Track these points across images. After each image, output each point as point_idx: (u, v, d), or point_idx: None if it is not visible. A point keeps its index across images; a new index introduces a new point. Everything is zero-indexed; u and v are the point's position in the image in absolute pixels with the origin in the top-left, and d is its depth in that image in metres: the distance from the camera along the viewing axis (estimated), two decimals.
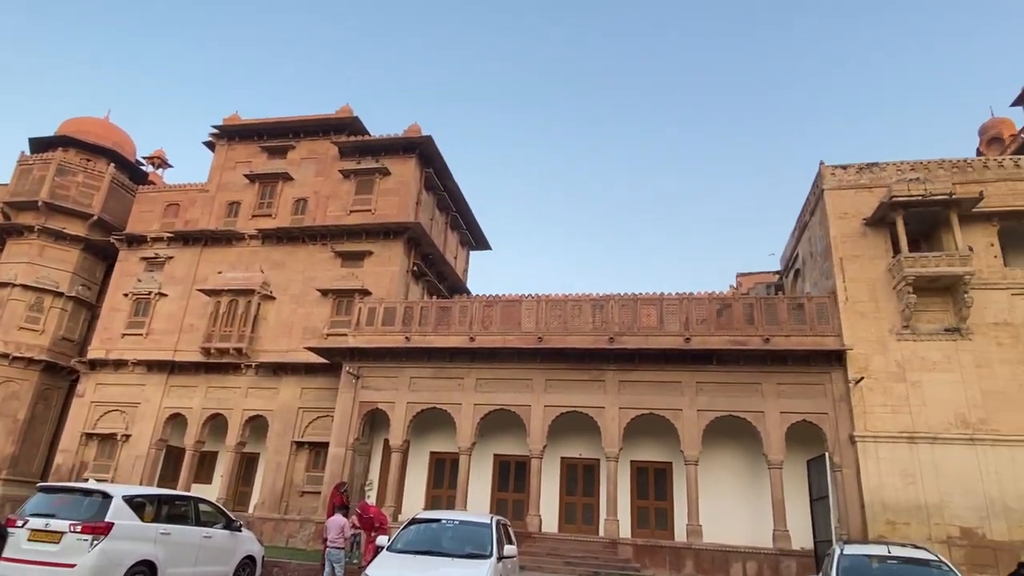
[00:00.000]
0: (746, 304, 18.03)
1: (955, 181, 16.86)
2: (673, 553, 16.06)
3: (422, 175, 24.58)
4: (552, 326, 18.59)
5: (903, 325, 16.33)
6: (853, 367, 16.23)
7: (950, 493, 14.77)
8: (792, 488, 16.26)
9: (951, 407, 15.43)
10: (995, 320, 15.90)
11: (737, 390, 16.95)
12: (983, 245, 16.48)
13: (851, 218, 17.73)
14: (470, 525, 9.06)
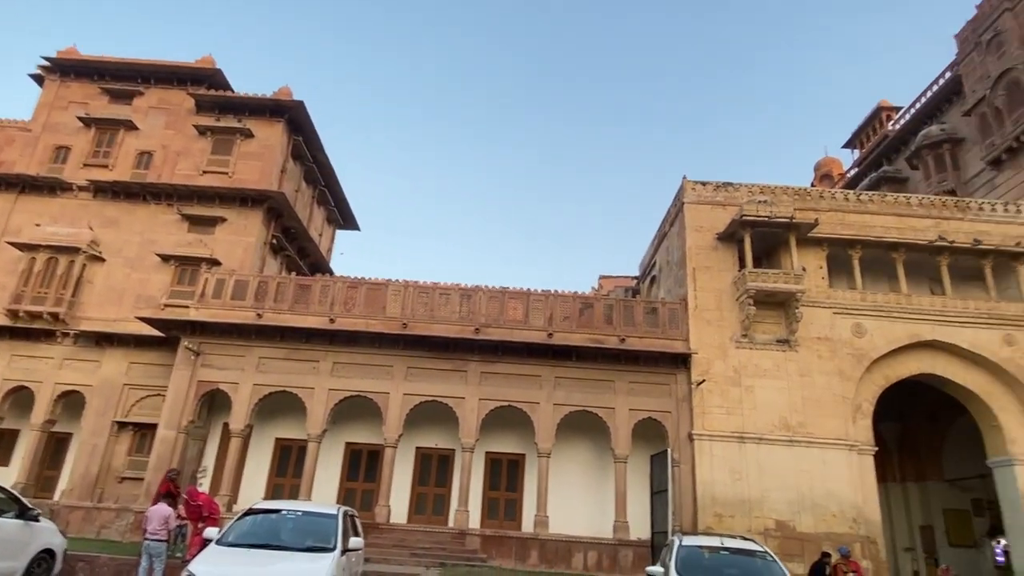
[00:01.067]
0: (606, 305, 18.70)
1: (796, 207, 18.56)
2: (520, 543, 16.27)
3: (290, 142, 22.98)
4: (418, 313, 18.13)
5: (742, 334, 17.74)
6: (697, 370, 17.39)
7: (770, 489, 16.28)
8: (634, 481, 17.12)
9: (776, 411, 17.00)
10: (818, 335, 17.73)
11: (592, 386, 17.53)
12: (814, 267, 18.31)
13: (706, 232, 18.97)
14: (314, 516, 8.46)
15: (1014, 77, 22.64)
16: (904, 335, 17.79)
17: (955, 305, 17.89)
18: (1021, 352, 17.50)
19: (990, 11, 24.12)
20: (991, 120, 23.65)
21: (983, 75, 24.16)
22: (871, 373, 17.72)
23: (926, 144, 27.18)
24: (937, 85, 27.98)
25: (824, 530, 15.88)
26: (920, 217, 18.92)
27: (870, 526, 16.26)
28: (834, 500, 16.23)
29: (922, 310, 17.87)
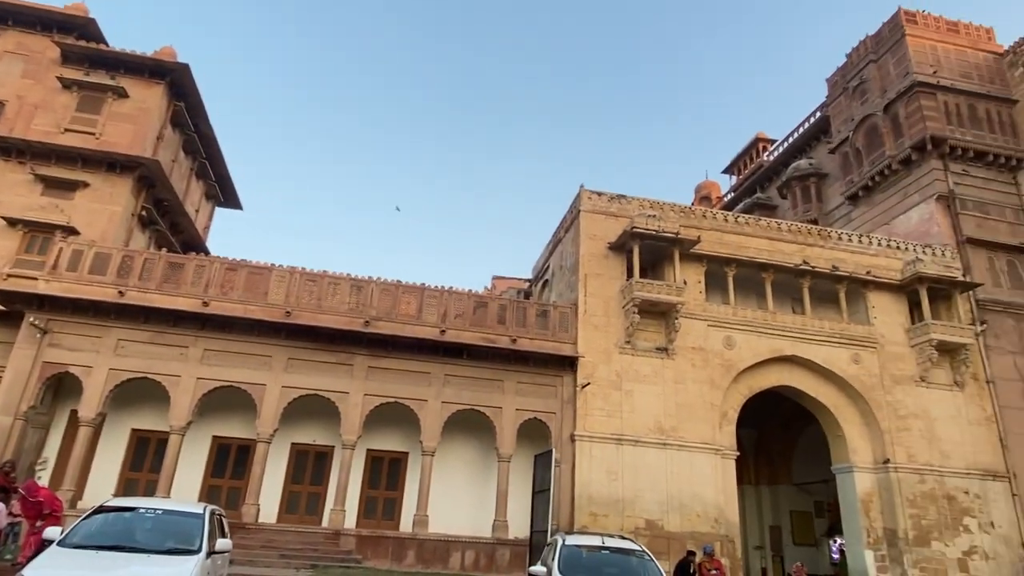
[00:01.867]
0: (500, 305, 18.77)
1: (681, 224, 19.59)
2: (397, 543, 15.92)
3: (170, 108, 21.13)
4: (303, 301, 17.26)
5: (626, 340, 18.44)
6: (582, 373, 17.86)
7: (642, 490, 17.02)
8: (517, 481, 17.28)
9: (653, 415, 17.81)
10: (693, 345, 18.79)
11: (481, 385, 17.51)
12: (693, 281, 19.38)
13: (599, 240, 19.57)
14: (177, 515, 7.73)
15: (873, 123, 25.29)
16: (768, 349, 19.27)
17: (813, 324, 19.63)
18: (865, 370, 19.52)
19: (858, 60, 26.81)
20: (852, 159, 26.28)
21: (848, 118, 26.80)
22: (737, 383, 19.02)
23: (795, 176, 29.75)
24: (808, 123, 30.71)
25: (689, 529, 16.83)
26: (788, 242, 20.60)
27: (729, 526, 17.43)
28: (699, 501, 17.24)
29: (784, 327, 19.45)
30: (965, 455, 19.23)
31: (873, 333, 19.99)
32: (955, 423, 19.55)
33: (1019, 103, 24.10)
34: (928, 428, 19.27)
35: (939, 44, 24.84)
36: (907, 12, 25.14)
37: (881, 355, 19.78)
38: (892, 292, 20.57)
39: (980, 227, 22.43)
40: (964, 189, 22.88)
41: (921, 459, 18.86)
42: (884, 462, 18.74)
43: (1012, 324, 21.40)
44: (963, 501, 18.71)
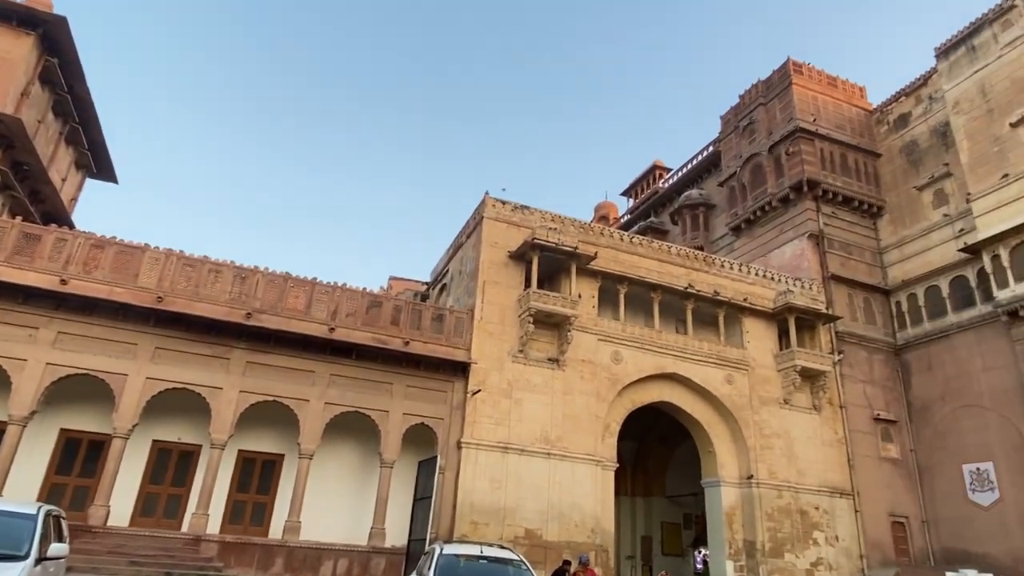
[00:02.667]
0: (395, 306, 18.30)
1: (580, 239, 20.05)
2: (264, 551, 15.00)
3: (40, 62, 18.98)
4: (179, 287, 15.96)
5: (519, 349, 18.55)
6: (474, 379, 17.75)
7: (525, 499, 17.11)
8: (399, 487, 16.85)
9: (539, 424, 18.00)
10: (583, 358, 19.22)
11: (368, 387, 16.94)
12: (587, 295, 19.87)
13: (500, 248, 19.62)
14: (4, 516, 6.79)
15: (759, 161, 27.21)
16: (652, 366, 20.08)
17: (694, 345, 20.69)
18: (737, 391, 20.80)
19: (749, 102, 28.77)
20: (738, 193, 28.11)
21: (737, 155, 28.67)
22: (622, 397, 19.66)
23: (686, 204, 31.41)
24: (702, 156, 32.56)
25: (566, 539, 17.10)
26: (676, 265, 21.64)
27: (605, 536, 17.90)
28: (578, 511, 17.58)
29: (668, 346, 20.36)
30: (818, 473, 20.93)
31: (746, 356, 21.36)
32: (811, 444, 21.25)
33: (882, 156, 26.81)
34: (788, 447, 20.81)
35: (820, 96, 27.19)
36: (795, 63, 27.32)
37: (751, 377, 21.17)
38: (765, 319, 22.11)
39: (843, 266, 24.65)
40: (832, 230, 25.08)
41: (780, 476, 20.31)
42: (748, 478, 20.01)
43: (864, 356, 23.63)
44: (814, 516, 20.33)
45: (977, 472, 20.61)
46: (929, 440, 22.47)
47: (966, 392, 21.52)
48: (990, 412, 20.64)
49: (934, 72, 24.92)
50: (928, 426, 22.63)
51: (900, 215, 25.52)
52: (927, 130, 25.22)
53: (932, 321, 23.25)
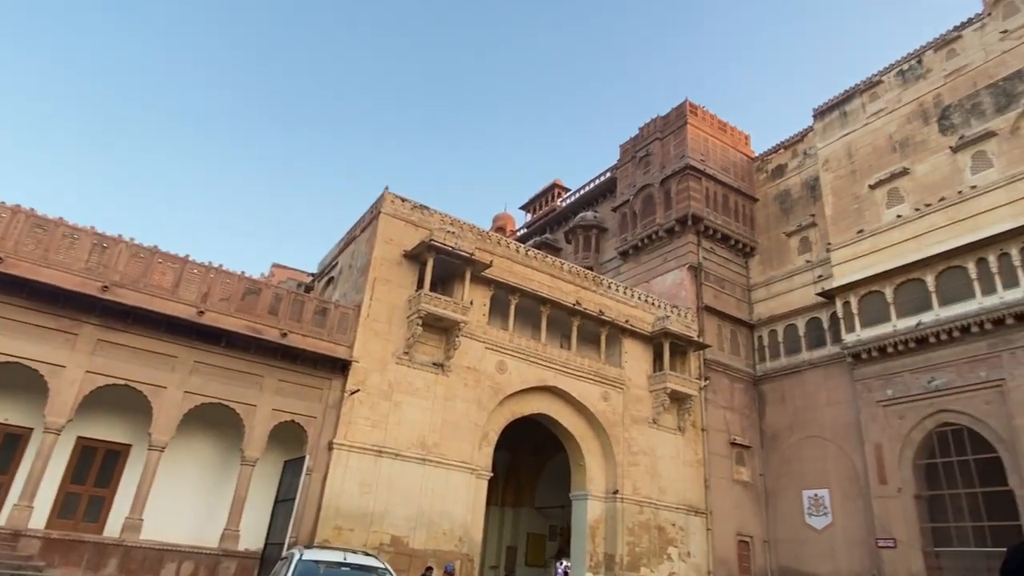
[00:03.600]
0: (276, 294, 17.26)
1: (477, 246, 19.98)
2: (97, 550, 13.50)
3: None
4: (25, 249, 14.10)
5: (404, 351, 18.12)
6: (354, 379, 17.09)
7: (395, 504, 16.63)
8: (261, 488, 15.82)
9: (418, 429, 17.62)
10: (468, 365, 19.10)
11: (237, 378, 15.81)
12: (479, 303, 19.81)
13: (395, 246, 19.12)
14: None
15: (650, 192, 28.55)
16: (535, 378, 20.34)
17: (576, 361, 21.20)
18: (611, 408, 21.52)
19: (647, 135, 30.18)
20: (629, 220, 29.32)
21: (631, 183, 29.93)
22: (503, 406, 19.73)
23: (581, 225, 32.33)
24: (599, 180, 33.69)
25: (433, 547, 16.80)
26: (567, 282, 22.12)
27: (472, 545, 17.78)
28: (448, 519, 17.35)
29: (552, 359, 20.72)
30: (678, 491, 22.07)
31: (623, 375, 22.19)
32: (674, 463, 22.38)
33: (759, 201, 29.03)
34: (653, 465, 21.78)
35: (710, 138, 29.03)
36: (691, 105, 29.01)
37: (626, 396, 22.00)
38: (642, 341, 23.11)
39: (716, 298, 26.34)
40: (709, 264, 26.75)
41: (643, 492, 21.20)
42: (614, 492, 20.71)
43: (727, 383, 25.31)
44: (670, 532, 21.38)
45: (815, 498, 22.60)
46: (776, 466, 24.39)
47: (811, 424, 23.60)
48: (830, 443, 22.75)
49: (810, 130, 27.37)
50: (776, 453, 24.57)
51: (769, 257, 27.70)
52: (799, 182, 27.62)
53: (788, 356, 25.34)
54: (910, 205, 22.09)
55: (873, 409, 21.35)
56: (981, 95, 21.23)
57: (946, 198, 21.03)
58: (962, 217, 20.35)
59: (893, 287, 21.58)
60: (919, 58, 23.53)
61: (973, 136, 20.91)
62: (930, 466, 20.08)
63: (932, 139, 22.24)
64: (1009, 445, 17.85)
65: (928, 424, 20.01)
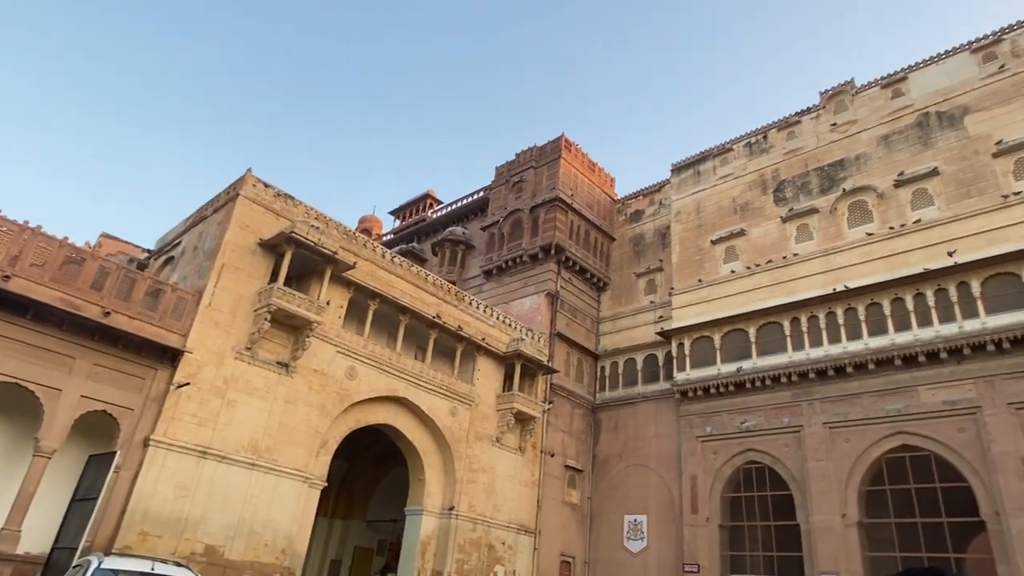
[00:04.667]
0: (102, 267, 15.34)
1: (341, 244, 19.27)
2: None
3: None
4: None
5: (247, 347, 16.90)
6: (184, 370, 15.62)
7: (213, 511, 15.31)
8: (56, 484, 13.82)
9: (251, 432, 16.44)
10: (316, 368, 18.23)
11: (42, 357, 13.80)
12: (336, 304, 19.04)
13: (251, 232, 17.89)
14: None
15: (520, 217, 29.35)
16: (385, 387, 19.87)
17: (429, 373, 21.03)
18: (458, 424, 21.56)
19: (523, 162, 31.08)
20: (496, 241, 29.88)
21: (503, 206, 30.57)
22: (347, 414, 19.02)
23: (449, 239, 32.41)
24: (472, 198, 34.07)
25: (252, 558, 15.67)
26: (430, 294, 21.98)
27: (295, 558, 16.82)
28: (272, 529, 16.29)
29: (405, 370, 20.39)
30: (511, 511, 22.51)
31: (473, 392, 22.36)
32: (511, 482, 22.84)
33: (616, 241, 30.90)
34: (491, 483, 22.07)
35: (580, 175, 30.51)
36: (567, 140, 30.35)
37: (473, 413, 22.17)
38: (496, 360, 23.48)
39: (568, 326, 27.51)
40: (565, 293, 27.93)
41: (479, 510, 21.38)
42: (449, 509, 20.67)
43: (568, 408, 26.41)
44: (499, 550, 21.70)
45: (634, 522, 24.13)
46: (604, 490, 25.76)
47: (639, 452, 25.26)
48: (653, 472, 24.47)
49: (667, 183, 29.72)
50: (605, 478, 25.96)
51: (619, 293, 29.50)
52: (653, 228, 29.81)
53: (625, 388, 27.02)
54: (743, 263, 24.66)
55: (693, 443, 23.32)
56: (810, 175, 24.35)
57: (772, 261, 23.74)
58: (783, 280, 23.07)
59: (721, 334, 23.85)
60: (765, 134, 26.53)
61: (800, 210, 23.87)
62: (735, 499, 22.25)
63: (767, 207, 25.08)
64: (800, 484, 20.30)
65: (737, 461, 22.23)
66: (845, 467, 19.64)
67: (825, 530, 19.20)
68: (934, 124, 21.94)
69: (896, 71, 23.67)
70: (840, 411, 20.42)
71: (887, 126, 23.11)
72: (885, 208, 21.87)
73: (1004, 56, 21.29)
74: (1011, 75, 20.85)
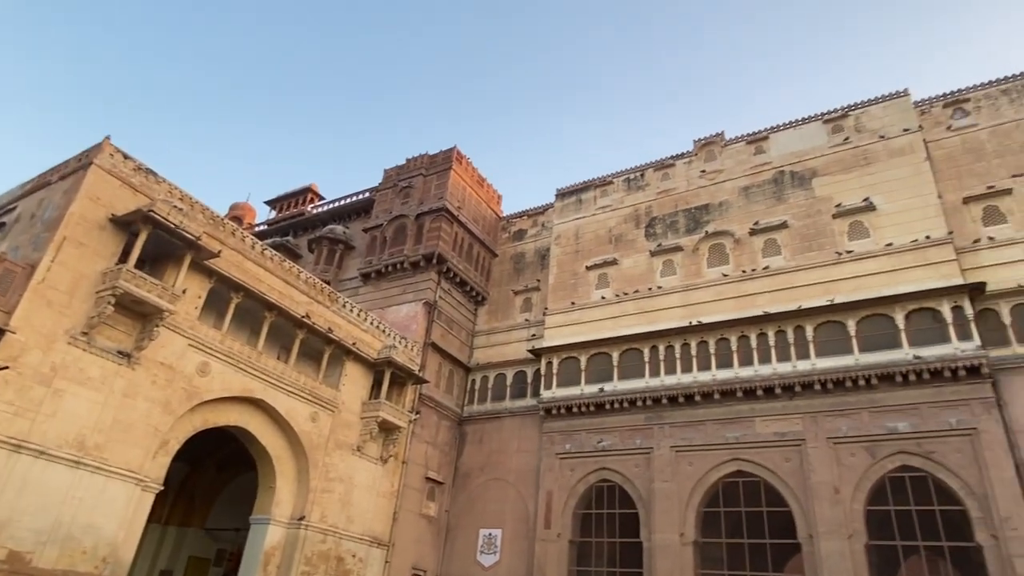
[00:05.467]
0: None
1: (206, 230, 18.01)
2: None
3: None
4: None
5: (83, 331, 15.26)
6: (4, 352, 13.78)
7: (24, 512, 13.56)
8: None
9: (79, 426, 14.79)
10: (163, 360, 16.78)
11: None
12: (193, 294, 17.68)
13: (102, 206, 16.26)
14: None
15: (404, 223, 28.99)
16: (240, 387, 18.68)
17: (291, 376, 20.05)
18: (318, 430, 20.69)
19: (413, 168, 30.80)
20: (378, 244, 29.30)
21: (388, 209, 30.08)
22: (194, 413, 17.67)
23: (329, 237, 31.33)
24: (357, 197, 33.20)
25: (66, 566, 14.04)
26: (301, 292, 21.06)
27: (118, 567, 15.26)
28: (93, 534, 14.71)
29: (265, 370, 19.30)
30: (366, 522, 21.88)
31: (338, 398, 21.60)
32: (369, 493, 22.23)
33: (498, 257, 31.35)
34: (347, 493, 21.35)
35: (469, 189, 30.73)
36: (459, 153, 30.49)
37: (336, 419, 21.40)
38: (365, 367, 22.88)
39: (443, 337, 27.42)
40: (443, 304, 27.87)
41: (331, 520, 20.57)
42: (300, 519, 19.72)
43: (435, 420, 26.24)
44: (349, 563, 20.98)
45: (489, 536, 24.31)
46: (462, 504, 25.76)
47: (501, 467, 25.56)
48: (512, 487, 24.84)
49: (551, 207, 30.67)
50: (464, 491, 25.99)
51: (496, 309, 29.90)
52: (534, 249, 30.59)
53: (493, 402, 27.32)
54: (613, 290, 25.91)
55: (552, 460, 23.99)
56: (679, 215, 26.14)
57: (639, 291, 25.16)
58: (648, 310, 24.51)
59: (588, 356, 24.84)
60: (642, 172, 28.18)
61: (667, 247, 25.52)
62: (586, 515, 23.10)
63: (639, 241, 26.59)
64: (646, 503, 21.47)
65: (592, 479, 23.12)
66: (687, 488, 21.04)
67: (664, 548, 20.41)
68: (788, 182, 24.40)
69: (760, 130, 26.09)
70: (687, 436, 21.90)
71: (748, 178, 25.38)
72: (740, 252, 23.93)
73: (849, 129, 24.15)
74: (853, 147, 23.67)
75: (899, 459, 18.45)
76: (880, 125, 23.44)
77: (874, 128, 23.52)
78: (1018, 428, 17.42)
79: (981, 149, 21.73)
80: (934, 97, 23.48)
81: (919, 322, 19.47)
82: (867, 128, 23.69)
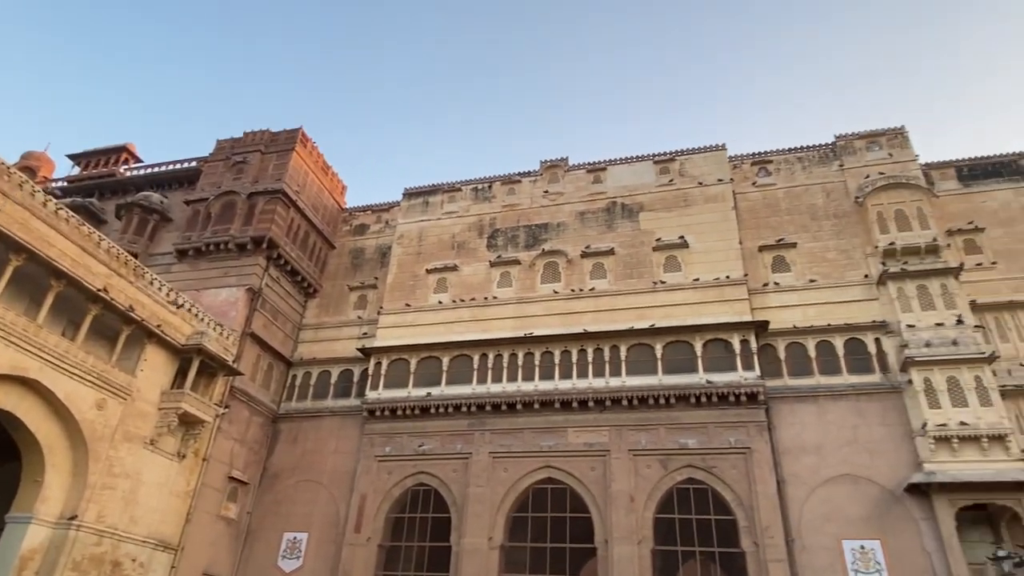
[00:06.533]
0: None
1: None
2: None
3: None
4: None
5: None
6: None
7: None
8: None
9: None
10: None
11: None
12: None
13: None
14: None
15: (233, 200, 26.92)
16: (8, 364, 16.05)
17: (79, 355, 17.64)
18: (104, 419, 18.36)
19: (250, 143, 28.76)
20: (200, 220, 26.89)
21: (217, 183, 27.75)
22: None
23: (142, 204, 28.21)
24: (181, 165, 30.22)
25: None
26: (101, 262, 18.69)
27: None
28: None
29: (44, 347, 16.79)
30: (152, 524, 19.76)
31: (132, 384, 19.37)
32: (160, 491, 20.14)
33: (335, 250, 30.20)
34: (133, 491, 19.16)
35: (311, 174, 29.33)
36: (304, 135, 29.01)
37: (128, 408, 19.17)
38: (170, 352, 20.79)
39: (266, 328, 25.77)
40: (270, 292, 26.23)
41: (110, 521, 18.33)
42: (71, 518, 17.32)
43: (246, 415, 24.50)
44: (128, 568, 18.80)
45: (293, 540, 23.13)
46: (267, 506, 24.26)
47: (315, 468, 24.48)
48: (325, 488, 23.90)
49: (396, 205, 30.26)
50: (271, 493, 24.51)
51: (328, 303, 28.76)
52: (375, 246, 29.92)
53: (314, 401, 26.16)
54: (451, 296, 26.12)
55: (370, 463, 23.48)
56: (520, 231, 27.08)
57: (476, 299, 25.63)
58: (482, 318, 25.04)
59: (418, 359, 24.75)
60: (490, 184, 28.83)
61: (506, 259, 26.30)
62: (399, 519, 22.88)
63: (480, 250, 27.11)
64: (460, 508, 21.77)
65: (408, 482, 22.98)
66: (500, 494, 21.68)
67: (472, 552, 20.81)
68: (619, 212, 26.32)
69: (600, 161, 27.92)
70: (505, 443, 22.61)
71: (585, 204, 27.01)
72: (571, 272, 25.34)
73: (674, 173, 26.64)
74: (676, 188, 26.15)
75: (687, 472, 20.56)
76: (700, 172, 26.17)
77: (695, 174, 26.20)
78: (782, 449, 20.24)
79: (777, 205, 25.12)
80: (745, 155, 26.71)
81: (714, 351, 21.93)
82: (689, 173, 26.33)
